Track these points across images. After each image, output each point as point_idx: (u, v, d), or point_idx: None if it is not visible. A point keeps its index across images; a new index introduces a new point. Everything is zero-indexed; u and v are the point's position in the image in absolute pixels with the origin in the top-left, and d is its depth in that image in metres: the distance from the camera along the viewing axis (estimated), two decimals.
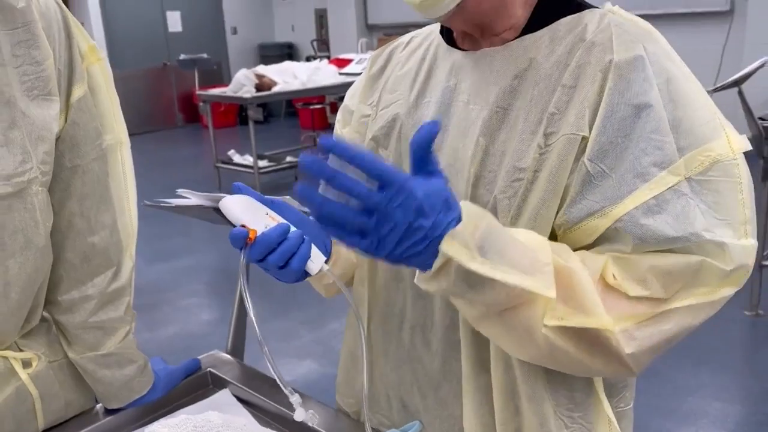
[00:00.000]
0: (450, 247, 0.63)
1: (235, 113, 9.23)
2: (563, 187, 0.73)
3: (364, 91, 0.96)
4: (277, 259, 0.76)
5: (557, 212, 0.74)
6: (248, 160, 5.86)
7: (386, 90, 0.93)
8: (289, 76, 5.95)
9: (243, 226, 0.76)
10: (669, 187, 0.70)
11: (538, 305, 0.69)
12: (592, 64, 0.74)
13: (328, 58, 7.88)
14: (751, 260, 0.72)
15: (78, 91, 0.92)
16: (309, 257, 0.78)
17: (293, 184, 5.47)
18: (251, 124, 5.54)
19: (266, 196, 0.81)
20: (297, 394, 0.79)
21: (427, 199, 0.62)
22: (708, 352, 2.81)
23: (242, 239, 0.75)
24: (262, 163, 5.78)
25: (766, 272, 3.09)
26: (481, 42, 0.83)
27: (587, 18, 0.78)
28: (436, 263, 0.64)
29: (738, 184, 0.72)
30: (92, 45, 0.96)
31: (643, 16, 0.79)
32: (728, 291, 0.72)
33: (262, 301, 3.53)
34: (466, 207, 0.66)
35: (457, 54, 0.85)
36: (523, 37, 0.80)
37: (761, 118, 2.83)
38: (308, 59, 8.80)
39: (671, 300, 0.71)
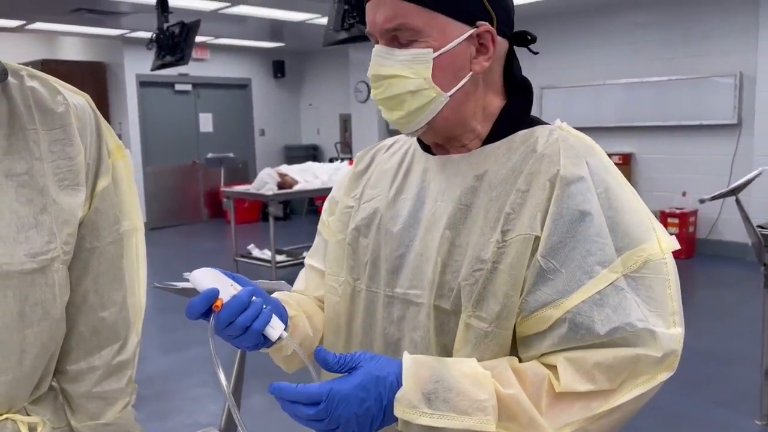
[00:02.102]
0: (399, 411, 0.78)
1: (258, 209, 9.51)
2: (522, 280, 0.84)
3: (350, 185, 1.09)
4: (245, 319, 0.85)
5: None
6: (266, 254, 6.03)
7: (369, 185, 1.05)
8: (311, 176, 6.21)
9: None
10: (609, 283, 0.81)
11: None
12: (542, 173, 0.86)
13: (350, 159, 8.21)
14: (679, 346, 0.82)
15: (103, 183, 1.04)
16: (269, 322, 0.87)
17: None
18: (271, 220, 5.74)
19: (228, 272, 0.91)
20: None
21: (359, 388, 0.77)
22: None
23: (209, 301, 0.85)
24: (279, 257, 5.93)
25: None
26: (449, 150, 0.96)
27: (538, 132, 0.91)
28: (399, 425, 0.80)
29: (666, 280, 0.83)
30: (119, 144, 1.10)
31: (655, 128, 0.93)
32: (664, 376, 0.82)
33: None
34: (408, 362, 0.80)
35: (430, 158, 0.98)
36: (484, 147, 0.93)
37: (760, 226, 2.91)
38: (331, 160, 9.16)
39: (618, 391, 0.80)
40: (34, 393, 1.03)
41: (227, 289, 0.87)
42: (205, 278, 0.88)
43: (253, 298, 0.88)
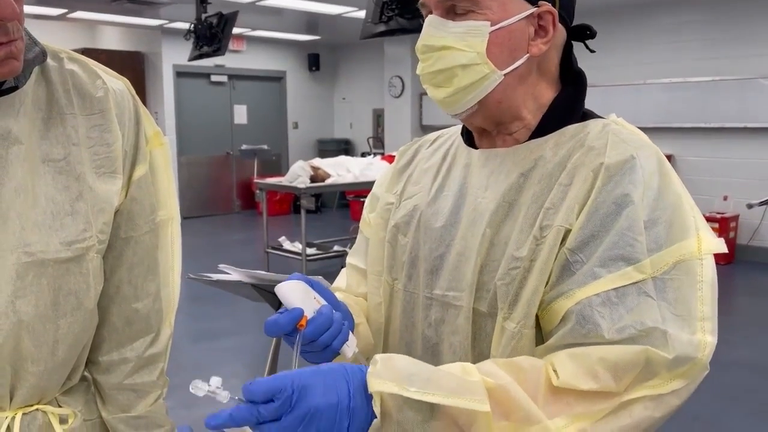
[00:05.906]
0: (379, 384, 0.67)
1: (290, 202, 9.54)
2: (549, 274, 0.78)
3: (391, 181, 1.04)
4: (327, 338, 0.81)
5: None
6: (297, 247, 6.03)
7: (410, 182, 1.01)
8: (343, 170, 6.19)
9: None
10: (632, 283, 0.74)
11: (482, 426, 0.69)
12: (586, 165, 0.80)
13: (382, 154, 8.18)
14: (700, 354, 0.73)
15: (140, 171, 1.01)
16: (348, 340, 0.84)
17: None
18: (303, 213, 5.74)
19: (309, 279, 0.86)
20: None
21: (319, 374, 0.68)
22: None
23: (294, 322, 0.79)
24: (310, 250, 5.93)
25: None
26: (495, 140, 0.91)
27: (591, 126, 0.86)
28: (376, 409, 0.67)
29: (699, 282, 0.75)
30: (157, 131, 1.07)
31: (697, 129, 0.85)
32: (679, 384, 0.72)
33: None
34: (377, 361, 0.70)
35: (472, 152, 0.94)
36: (530, 141, 0.88)
37: None
38: (363, 155, 9.14)
39: (624, 393, 0.71)
40: (66, 384, 1.01)
41: (311, 303, 0.83)
42: (293, 294, 0.83)
43: (334, 313, 0.84)
